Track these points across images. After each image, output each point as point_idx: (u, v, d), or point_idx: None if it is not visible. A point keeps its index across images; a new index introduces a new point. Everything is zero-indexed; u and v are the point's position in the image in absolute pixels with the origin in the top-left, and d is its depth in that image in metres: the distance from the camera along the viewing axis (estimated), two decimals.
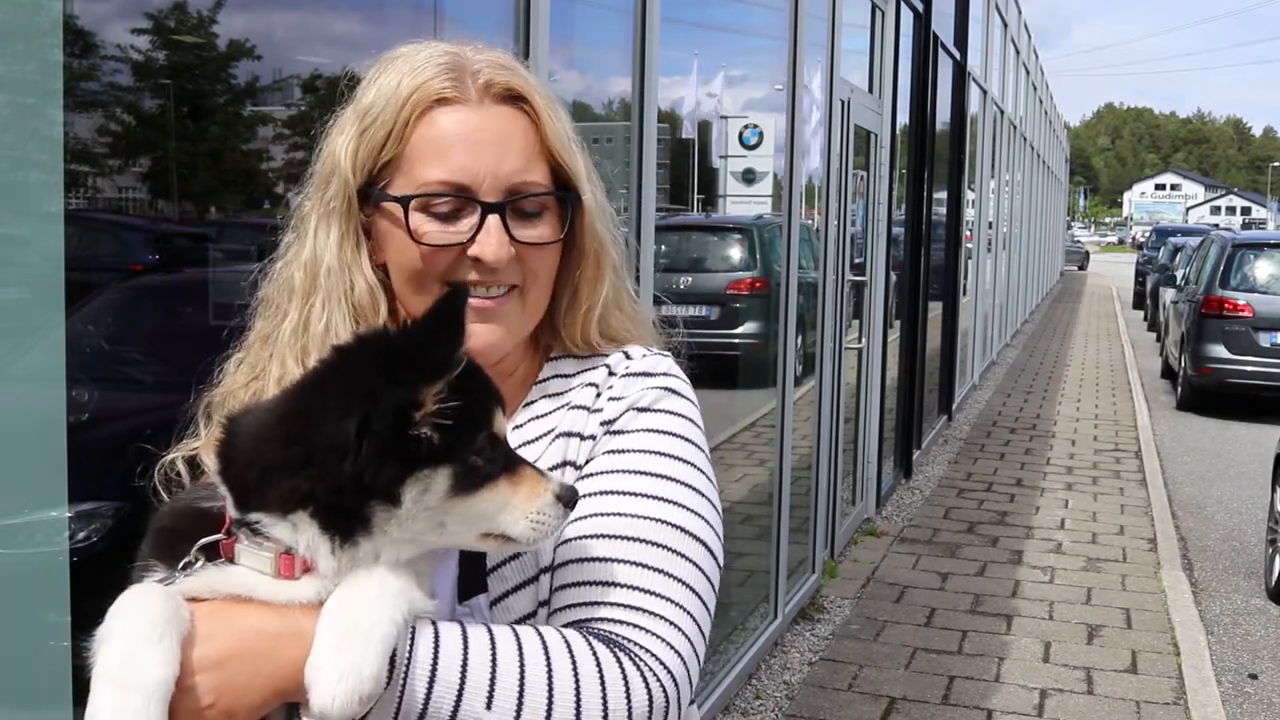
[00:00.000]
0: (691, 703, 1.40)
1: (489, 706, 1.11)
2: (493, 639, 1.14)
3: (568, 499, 1.18)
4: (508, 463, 1.16)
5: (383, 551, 1.11)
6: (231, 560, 1.13)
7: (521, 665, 1.13)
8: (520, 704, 1.11)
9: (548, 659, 1.14)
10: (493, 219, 1.30)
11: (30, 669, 1.84)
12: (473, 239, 1.30)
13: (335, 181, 1.33)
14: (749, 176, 6.72)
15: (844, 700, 5.25)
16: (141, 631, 1.06)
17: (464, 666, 1.11)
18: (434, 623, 1.13)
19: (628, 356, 1.40)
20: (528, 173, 1.33)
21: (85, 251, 2.85)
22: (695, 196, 7.09)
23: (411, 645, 1.10)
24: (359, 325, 1.31)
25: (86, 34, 2.58)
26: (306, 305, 1.34)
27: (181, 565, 1.13)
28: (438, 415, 1.09)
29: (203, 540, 1.13)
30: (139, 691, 1.03)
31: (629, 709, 1.14)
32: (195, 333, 3.09)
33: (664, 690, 1.17)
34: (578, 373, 1.41)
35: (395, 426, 1.08)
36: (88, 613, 1.09)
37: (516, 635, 1.15)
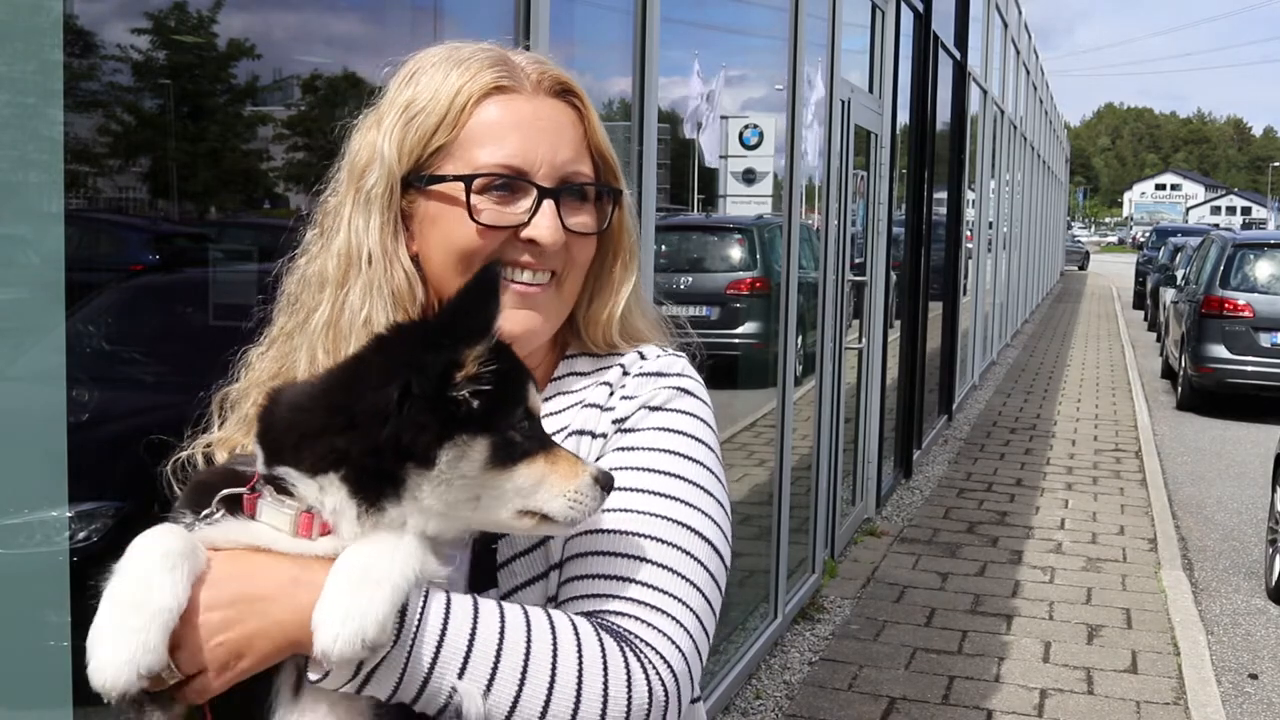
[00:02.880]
0: (696, 700, 1.40)
1: (491, 678, 1.12)
2: (502, 614, 1.15)
3: (605, 483, 1.19)
4: (544, 442, 1.17)
5: (410, 518, 1.12)
6: (253, 516, 1.14)
7: (528, 643, 1.14)
8: (522, 681, 1.12)
9: (554, 641, 1.15)
10: (548, 203, 1.33)
11: (30, 669, 1.84)
12: (528, 221, 1.33)
13: (376, 169, 1.34)
14: (749, 176, 6.71)
15: (844, 700, 5.25)
16: (154, 561, 1.07)
17: (472, 636, 1.12)
18: (447, 591, 1.14)
19: (642, 356, 1.42)
20: (579, 163, 1.37)
21: (85, 251, 2.84)
22: (695, 196, 7.09)
23: (424, 607, 1.11)
24: (398, 315, 1.32)
25: (86, 34, 2.58)
26: (342, 294, 1.34)
27: (202, 515, 1.14)
28: (477, 380, 1.10)
29: (225, 491, 1.15)
30: (142, 613, 1.04)
31: (629, 700, 1.15)
32: (195, 333, 3.09)
33: (664, 686, 1.18)
34: (593, 371, 1.43)
35: (436, 388, 1.09)
36: (88, 613, 1.09)
37: (526, 614, 1.17)
